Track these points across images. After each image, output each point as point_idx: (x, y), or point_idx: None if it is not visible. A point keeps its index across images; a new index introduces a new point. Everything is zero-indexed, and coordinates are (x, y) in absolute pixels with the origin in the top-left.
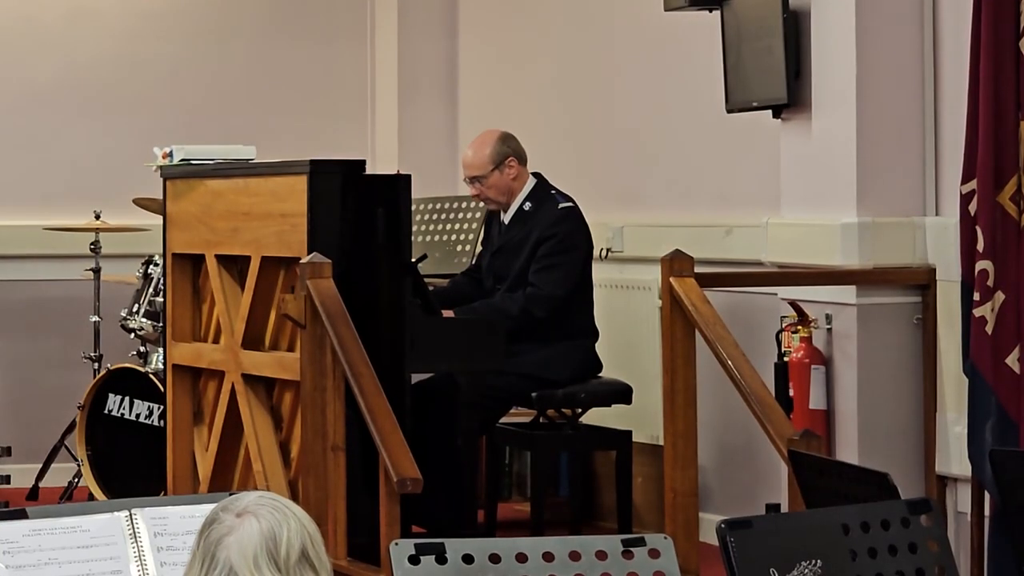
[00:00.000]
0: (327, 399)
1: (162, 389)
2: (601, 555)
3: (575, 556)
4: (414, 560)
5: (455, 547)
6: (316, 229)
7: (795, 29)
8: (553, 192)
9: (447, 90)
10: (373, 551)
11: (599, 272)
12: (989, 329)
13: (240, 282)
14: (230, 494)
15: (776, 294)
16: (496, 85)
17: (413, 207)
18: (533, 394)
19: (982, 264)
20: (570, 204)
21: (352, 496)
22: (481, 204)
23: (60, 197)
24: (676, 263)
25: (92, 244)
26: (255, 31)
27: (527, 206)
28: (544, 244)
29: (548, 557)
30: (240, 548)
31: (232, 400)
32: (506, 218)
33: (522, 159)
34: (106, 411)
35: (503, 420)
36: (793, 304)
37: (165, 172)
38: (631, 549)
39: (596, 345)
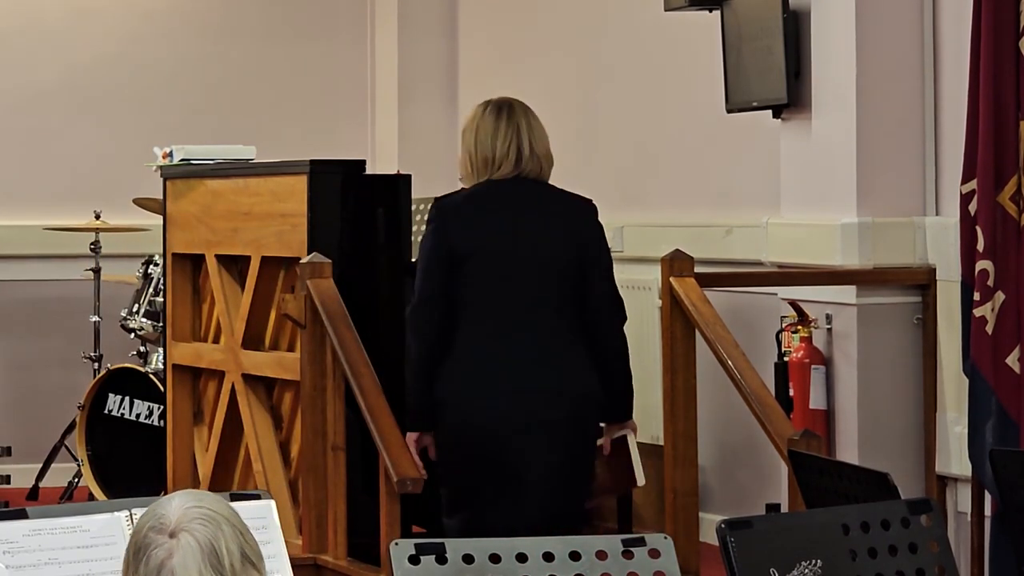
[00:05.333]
0: (327, 399)
1: (162, 389)
2: (601, 555)
3: (575, 556)
4: (414, 560)
5: (455, 547)
6: (316, 229)
7: (795, 29)
8: None
9: (447, 90)
10: (373, 551)
11: None
12: (989, 329)
13: (240, 282)
14: (232, 495)
15: (776, 294)
16: (496, 85)
17: (413, 207)
18: None
19: (982, 264)
20: None
21: (352, 496)
22: None
23: (60, 197)
24: (676, 263)
25: (92, 244)
26: (255, 31)
27: None
28: None
29: (548, 557)
30: (185, 570)
31: (232, 400)
32: None
33: None
34: (106, 411)
35: None
36: (793, 304)
37: (165, 172)
38: (631, 549)
39: None
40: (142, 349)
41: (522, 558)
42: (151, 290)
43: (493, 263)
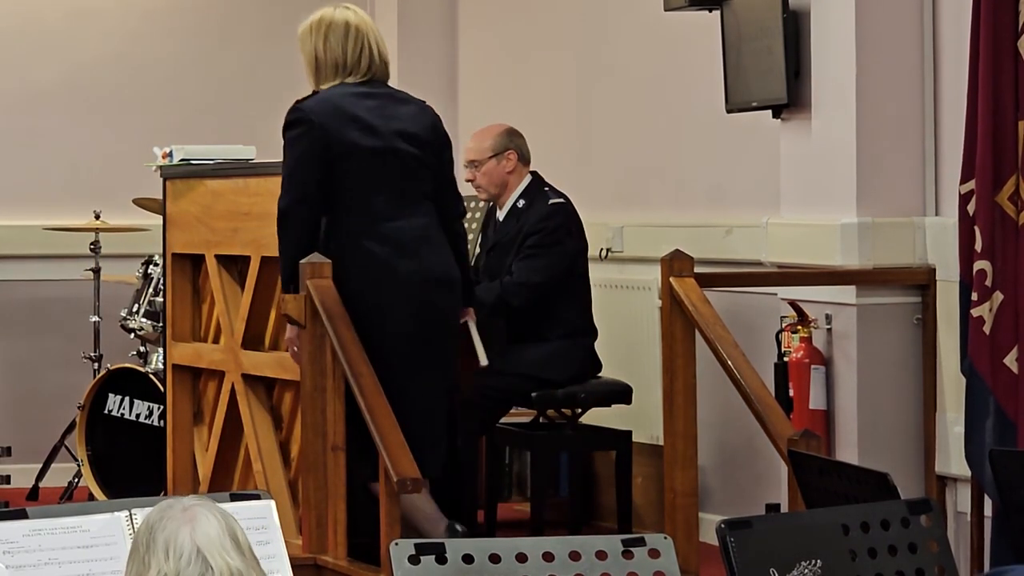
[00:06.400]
0: (327, 399)
1: (162, 389)
2: (601, 555)
3: (575, 556)
4: (414, 560)
5: (455, 547)
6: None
7: (795, 29)
8: (546, 189)
9: (447, 90)
10: (373, 551)
11: (599, 272)
12: (987, 329)
13: (240, 282)
14: (232, 495)
15: (776, 294)
16: (496, 85)
17: None
18: (533, 394)
19: (980, 264)
20: (561, 200)
21: (352, 496)
22: (482, 204)
23: (60, 197)
24: (676, 263)
25: (92, 244)
26: (255, 31)
27: (521, 203)
28: (530, 237)
29: (548, 557)
30: (206, 535)
31: (232, 400)
32: (500, 215)
33: (523, 156)
34: (106, 411)
35: (503, 420)
36: (793, 304)
37: (165, 172)
38: (631, 549)
39: (596, 345)
40: (142, 349)
41: (522, 558)
42: (151, 290)
43: (372, 159)
